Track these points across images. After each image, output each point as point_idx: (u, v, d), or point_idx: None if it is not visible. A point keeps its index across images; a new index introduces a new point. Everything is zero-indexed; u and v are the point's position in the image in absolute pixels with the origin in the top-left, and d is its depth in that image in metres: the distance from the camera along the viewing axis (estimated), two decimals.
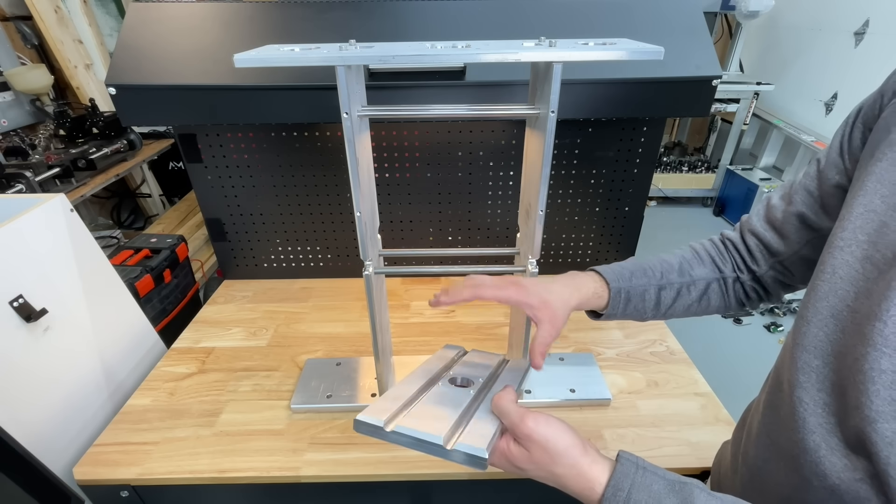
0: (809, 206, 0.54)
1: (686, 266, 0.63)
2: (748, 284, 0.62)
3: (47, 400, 0.74)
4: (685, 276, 0.62)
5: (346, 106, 0.56)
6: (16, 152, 1.96)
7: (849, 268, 0.43)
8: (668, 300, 0.62)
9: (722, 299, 0.63)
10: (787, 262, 0.57)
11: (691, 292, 0.62)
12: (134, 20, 0.90)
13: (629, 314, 0.64)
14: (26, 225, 0.72)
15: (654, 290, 0.62)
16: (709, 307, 0.64)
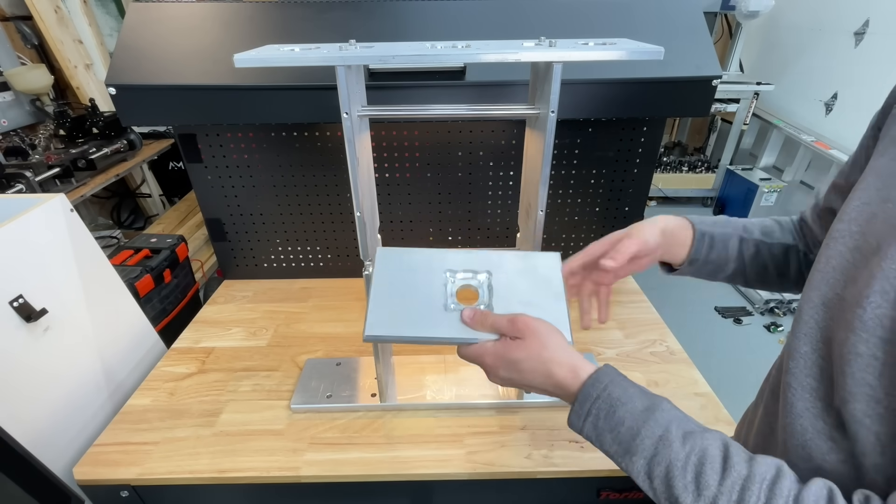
0: (834, 201, 0.56)
1: (768, 228, 0.63)
2: (805, 265, 0.62)
3: (47, 400, 0.74)
4: (767, 236, 0.62)
5: (346, 106, 0.56)
6: (16, 152, 1.96)
7: (841, 258, 0.44)
8: (748, 254, 0.62)
9: (799, 270, 0.62)
10: None
11: (770, 252, 0.62)
12: (134, 20, 0.90)
13: (713, 261, 0.62)
14: (26, 225, 0.72)
15: (736, 240, 0.61)
16: (786, 275, 0.62)
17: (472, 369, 0.88)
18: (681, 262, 0.63)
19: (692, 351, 0.93)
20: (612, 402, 0.47)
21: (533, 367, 0.51)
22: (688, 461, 0.41)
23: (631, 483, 0.72)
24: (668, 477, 0.42)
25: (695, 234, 0.62)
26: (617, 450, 0.46)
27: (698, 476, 0.40)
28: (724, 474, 0.40)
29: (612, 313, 1.05)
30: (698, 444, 0.42)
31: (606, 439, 0.47)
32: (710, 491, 0.39)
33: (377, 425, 0.78)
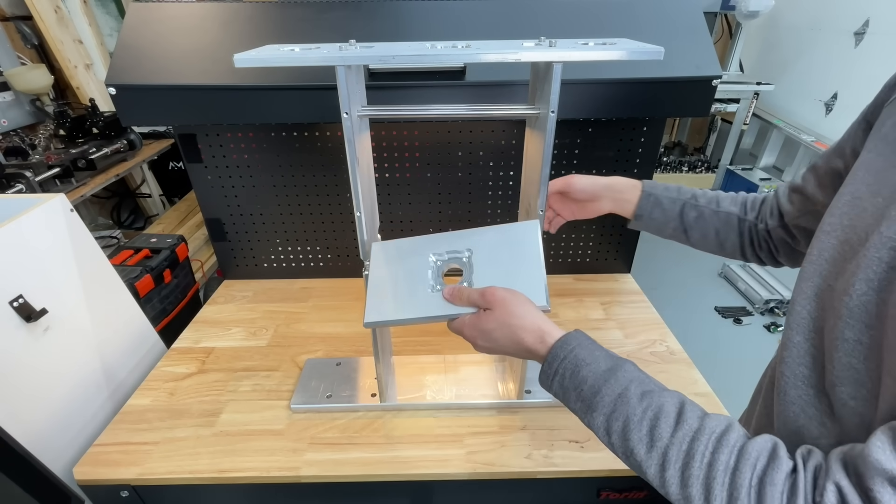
0: (811, 183, 0.59)
1: (717, 197, 0.69)
2: (762, 234, 0.67)
3: (47, 400, 0.74)
4: (712, 203, 0.69)
5: (346, 106, 0.56)
6: (16, 152, 1.96)
7: (833, 250, 0.46)
8: (690, 218, 0.68)
9: (739, 238, 0.68)
10: (790, 225, 0.63)
11: (714, 219, 0.68)
12: (134, 20, 0.90)
13: (655, 219, 0.70)
14: (26, 225, 0.72)
15: (680, 204, 0.69)
16: (727, 242, 0.68)
17: (472, 369, 0.88)
18: (630, 217, 0.72)
19: (692, 351, 0.93)
20: (577, 363, 0.49)
21: (503, 334, 0.55)
22: (644, 416, 0.44)
23: (631, 483, 0.73)
24: (624, 431, 0.44)
25: (642, 193, 0.70)
26: (580, 406, 0.49)
27: (652, 429, 0.43)
28: (676, 427, 0.42)
29: (612, 313, 1.05)
30: (655, 402, 0.44)
31: (571, 397, 0.50)
32: (663, 442, 0.42)
33: (377, 425, 0.78)
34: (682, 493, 0.40)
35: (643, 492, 0.74)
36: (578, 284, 1.15)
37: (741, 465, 0.38)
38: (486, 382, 0.85)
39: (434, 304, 0.61)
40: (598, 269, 1.19)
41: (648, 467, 0.43)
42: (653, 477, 0.43)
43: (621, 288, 1.14)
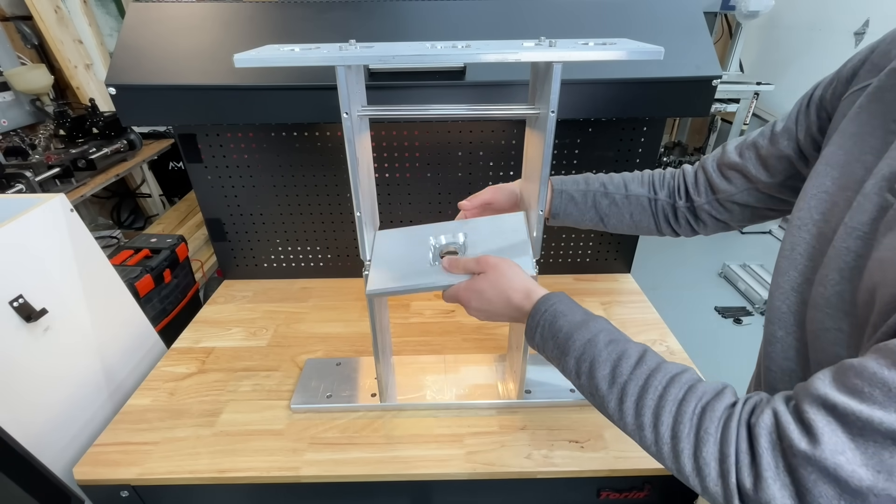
0: (753, 163, 0.61)
1: (628, 182, 0.72)
2: (681, 211, 0.69)
3: (47, 400, 0.74)
4: (621, 189, 0.71)
5: (346, 106, 0.56)
6: (16, 152, 1.96)
7: (806, 245, 0.48)
8: (604, 206, 0.71)
9: (652, 218, 0.71)
10: (724, 201, 0.65)
11: (626, 204, 0.71)
12: (134, 20, 0.90)
13: (571, 215, 0.73)
14: (26, 225, 0.72)
15: (592, 196, 0.72)
16: (641, 222, 0.72)
17: (472, 369, 0.88)
18: (547, 216, 0.74)
19: (692, 351, 0.93)
20: (556, 314, 0.53)
21: (495, 294, 0.59)
22: (608, 357, 0.47)
23: (631, 483, 0.73)
24: (591, 370, 0.48)
25: (553, 192, 0.72)
26: (556, 353, 0.52)
27: (615, 368, 0.46)
28: (636, 367, 0.46)
29: (612, 313, 1.05)
30: (620, 347, 0.48)
31: (549, 345, 0.53)
32: (622, 378, 0.45)
33: (377, 425, 0.78)
34: (636, 422, 0.44)
35: (643, 492, 0.74)
36: (578, 284, 1.15)
37: (688, 397, 0.42)
38: (486, 382, 0.85)
39: (432, 275, 0.66)
40: (598, 269, 1.19)
41: (609, 401, 0.46)
42: (613, 410, 0.46)
43: (621, 288, 1.14)
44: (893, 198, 0.40)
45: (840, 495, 0.31)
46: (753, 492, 0.36)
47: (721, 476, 0.38)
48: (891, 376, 0.31)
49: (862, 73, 0.50)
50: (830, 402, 0.33)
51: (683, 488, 0.74)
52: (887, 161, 0.42)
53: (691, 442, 0.40)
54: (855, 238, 0.42)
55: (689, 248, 2.94)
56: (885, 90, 0.46)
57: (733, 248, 2.94)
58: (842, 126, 0.48)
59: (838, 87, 0.53)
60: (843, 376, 0.34)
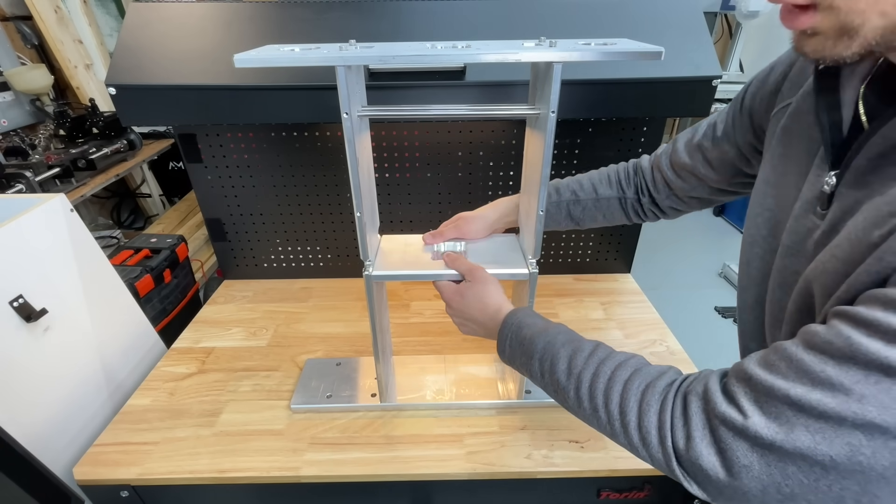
0: (701, 163, 0.65)
1: (596, 185, 0.76)
2: (647, 206, 0.75)
3: (47, 400, 0.74)
4: (591, 194, 0.76)
5: (346, 106, 0.56)
6: (16, 152, 1.96)
7: (759, 260, 0.51)
8: (577, 213, 0.77)
9: (624, 215, 0.77)
10: (682, 196, 0.71)
11: (597, 208, 0.76)
12: (134, 20, 0.90)
13: (547, 224, 0.77)
14: (26, 225, 0.72)
15: (565, 205, 0.76)
16: (614, 220, 0.77)
17: (472, 369, 0.88)
18: None
19: (692, 351, 0.93)
20: (521, 325, 0.58)
21: (475, 300, 0.65)
22: (565, 354, 0.51)
23: (631, 483, 0.73)
24: (551, 367, 0.51)
25: None
26: (523, 359, 0.56)
27: (570, 361, 0.50)
28: (588, 358, 0.49)
29: (612, 313, 1.05)
30: (575, 344, 0.52)
31: (517, 353, 0.57)
32: (578, 368, 0.49)
33: (377, 425, 0.78)
34: (591, 405, 0.47)
35: (643, 492, 0.74)
36: (578, 284, 1.15)
37: (634, 377, 0.45)
38: (486, 382, 0.85)
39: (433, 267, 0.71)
40: (598, 269, 1.19)
41: (569, 392, 0.49)
42: (572, 401, 0.49)
43: (621, 288, 1.14)
44: (818, 220, 0.43)
45: (752, 448, 0.36)
46: (685, 451, 0.39)
47: (661, 441, 0.41)
48: (796, 351, 0.36)
49: (784, 90, 0.52)
50: (748, 373, 0.38)
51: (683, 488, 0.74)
52: (808, 184, 0.45)
53: (636, 414, 0.43)
54: (790, 256, 0.46)
55: (689, 248, 2.94)
56: (802, 113, 0.48)
57: (733, 248, 2.94)
58: (773, 146, 0.51)
59: (764, 98, 0.55)
60: (766, 353, 0.39)
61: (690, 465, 0.39)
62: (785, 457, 0.34)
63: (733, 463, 0.37)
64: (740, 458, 0.36)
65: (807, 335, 0.37)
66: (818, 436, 0.33)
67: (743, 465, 0.36)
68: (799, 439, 0.34)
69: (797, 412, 0.34)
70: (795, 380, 0.35)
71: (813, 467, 0.34)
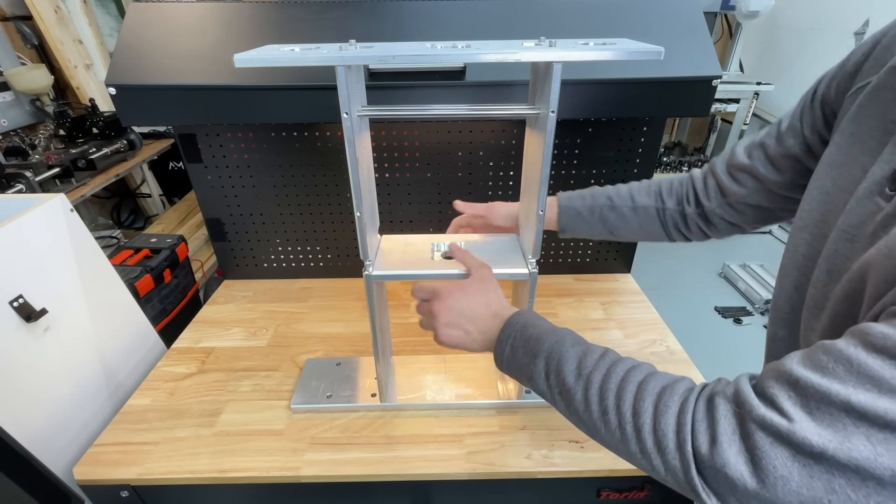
0: (762, 163, 0.61)
1: (634, 193, 0.72)
2: (691, 217, 0.70)
3: (47, 400, 0.74)
4: (627, 201, 0.72)
5: (346, 106, 0.56)
6: (16, 152, 1.96)
7: (807, 246, 0.48)
8: (612, 220, 0.73)
9: (661, 227, 0.72)
10: (735, 204, 0.65)
11: (634, 216, 0.72)
12: (134, 20, 0.90)
13: (580, 229, 0.75)
14: (26, 225, 0.72)
15: (599, 210, 0.73)
16: (651, 233, 0.73)
17: (472, 369, 0.88)
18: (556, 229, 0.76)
19: (692, 351, 0.93)
20: (527, 324, 0.56)
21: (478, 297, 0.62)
22: (574, 355, 0.49)
23: (631, 483, 0.73)
24: (558, 367, 0.49)
25: (559, 209, 0.74)
26: (526, 359, 0.54)
27: (580, 362, 0.48)
28: (600, 359, 0.48)
29: (612, 313, 1.05)
30: (584, 346, 0.51)
31: (519, 353, 0.55)
32: (587, 370, 0.47)
33: (377, 425, 0.78)
34: (600, 407, 0.45)
35: (643, 492, 0.74)
36: (578, 284, 1.15)
37: (649, 379, 0.43)
38: (486, 382, 0.85)
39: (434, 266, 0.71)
40: (598, 269, 1.19)
41: (575, 393, 0.47)
42: (578, 402, 0.47)
43: (621, 288, 1.14)
44: (884, 202, 0.39)
45: (794, 456, 0.32)
46: (709, 457, 0.36)
47: (679, 446, 0.38)
48: (856, 354, 0.32)
49: (865, 69, 0.49)
50: (794, 376, 0.34)
51: None
52: (880, 164, 0.41)
53: (651, 415, 0.40)
54: (844, 241, 0.42)
55: (689, 248, 2.94)
56: (883, 89, 0.45)
57: (733, 248, 2.94)
58: (842, 125, 0.48)
59: (842, 82, 0.52)
60: (812, 354, 0.35)
61: (714, 472, 0.36)
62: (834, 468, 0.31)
63: (768, 473, 0.33)
64: (778, 468, 0.33)
65: (868, 336, 0.33)
66: (881, 447, 0.30)
67: (780, 476, 0.33)
68: (856, 449, 0.31)
69: (858, 420, 0.31)
70: (857, 385, 0.31)
71: (866, 481, 0.31)
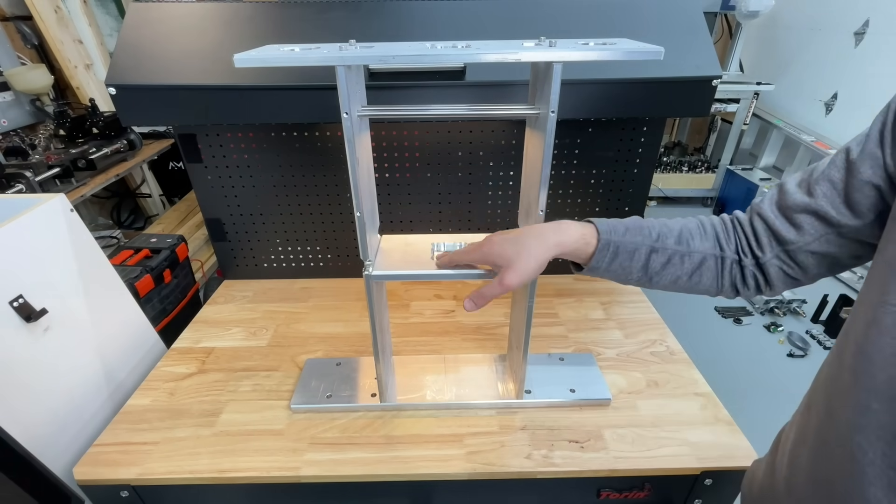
0: (830, 200, 0.49)
1: (686, 235, 0.59)
2: (749, 269, 0.57)
3: (47, 400, 0.74)
4: (682, 244, 0.59)
5: (346, 106, 0.56)
6: (16, 152, 1.96)
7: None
8: (657, 265, 0.59)
9: (715, 279, 0.59)
10: (795, 253, 0.53)
11: (684, 263, 0.59)
12: (134, 20, 0.90)
13: (614, 271, 0.61)
14: (26, 225, 0.72)
15: (644, 251, 0.59)
16: (699, 284, 0.60)
17: (472, 369, 0.88)
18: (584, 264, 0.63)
19: (692, 351, 0.93)
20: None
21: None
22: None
23: (631, 483, 0.73)
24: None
25: (598, 244, 0.60)
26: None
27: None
28: None
29: (612, 313, 1.05)
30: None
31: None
32: None
33: (377, 425, 0.78)
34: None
35: (643, 492, 0.74)
36: (578, 284, 1.15)
37: None
38: (486, 382, 0.85)
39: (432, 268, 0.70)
40: None
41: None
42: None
43: (621, 288, 1.14)
44: None
45: None
46: None
47: None
48: None
49: None
50: None
51: (683, 488, 0.74)
52: None
53: None
54: None
55: None
56: None
57: None
58: None
59: None
60: None
61: None
62: None
63: None
64: None
65: None
66: None
67: None
68: None
69: None
70: None
71: None
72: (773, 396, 1.74)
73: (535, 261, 0.60)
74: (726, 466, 0.70)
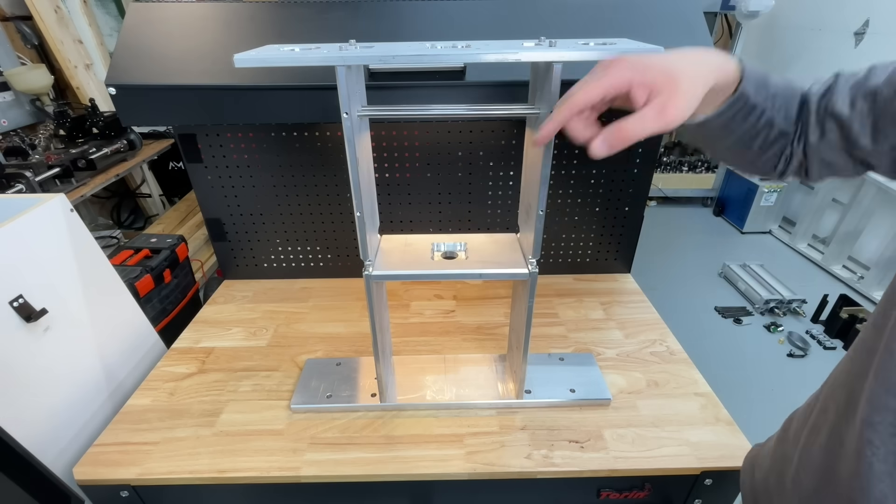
0: (861, 121, 0.48)
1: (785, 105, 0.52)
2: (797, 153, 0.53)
3: (47, 400, 0.74)
4: (780, 119, 0.52)
5: (346, 106, 0.56)
6: (16, 152, 1.96)
7: None
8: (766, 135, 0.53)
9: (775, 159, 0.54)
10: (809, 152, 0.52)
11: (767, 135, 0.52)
12: (134, 20, 0.90)
13: (715, 131, 0.53)
14: (26, 225, 0.72)
15: (760, 111, 0.51)
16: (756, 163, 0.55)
17: (472, 369, 0.88)
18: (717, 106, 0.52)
19: (692, 351, 0.93)
20: None
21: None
22: None
23: (631, 483, 0.73)
24: None
25: (736, 91, 0.50)
26: None
27: None
28: None
29: (612, 313, 1.05)
30: None
31: None
32: None
33: (377, 425, 0.78)
34: None
35: (643, 492, 0.74)
36: (578, 284, 1.15)
37: None
38: (486, 382, 0.85)
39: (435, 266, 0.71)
40: (598, 269, 1.19)
41: None
42: None
43: (621, 288, 1.14)
44: None
45: None
46: None
47: None
48: None
49: None
50: None
51: (683, 488, 0.74)
52: None
53: None
54: None
55: (688, 248, 2.94)
56: None
57: (733, 248, 2.94)
58: None
59: None
60: None
61: None
62: None
63: None
64: None
65: None
66: None
67: None
68: None
69: None
70: None
71: None
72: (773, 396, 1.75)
73: (702, 82, 0.46)
74: (726, 466, 0.70)
